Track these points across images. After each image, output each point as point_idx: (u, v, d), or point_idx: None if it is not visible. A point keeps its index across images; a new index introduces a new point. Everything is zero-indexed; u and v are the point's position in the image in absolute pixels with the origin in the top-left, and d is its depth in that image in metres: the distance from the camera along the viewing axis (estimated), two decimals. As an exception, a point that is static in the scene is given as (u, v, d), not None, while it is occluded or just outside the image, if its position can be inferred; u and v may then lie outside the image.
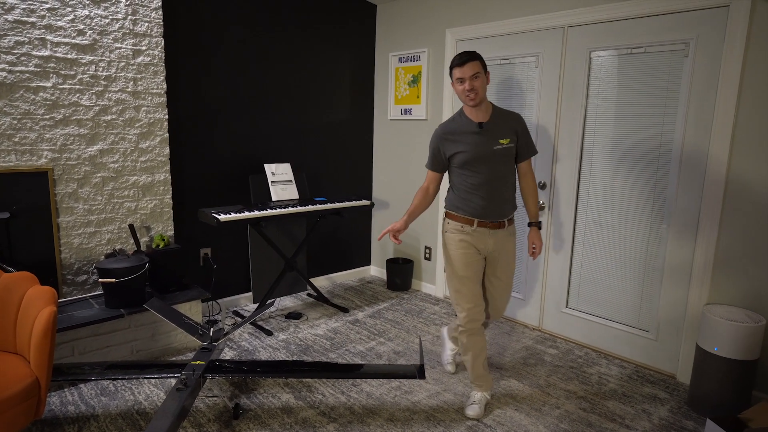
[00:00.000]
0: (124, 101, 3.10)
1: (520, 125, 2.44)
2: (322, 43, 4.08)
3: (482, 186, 2.40)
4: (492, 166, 2.38)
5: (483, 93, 2.33)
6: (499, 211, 2.43)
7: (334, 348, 3.22)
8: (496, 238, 2.47)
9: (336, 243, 4.50)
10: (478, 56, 2.32)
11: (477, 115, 2.38)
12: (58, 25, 2.82)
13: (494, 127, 2.38)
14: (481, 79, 2.31)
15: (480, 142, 2.36)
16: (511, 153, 2.40)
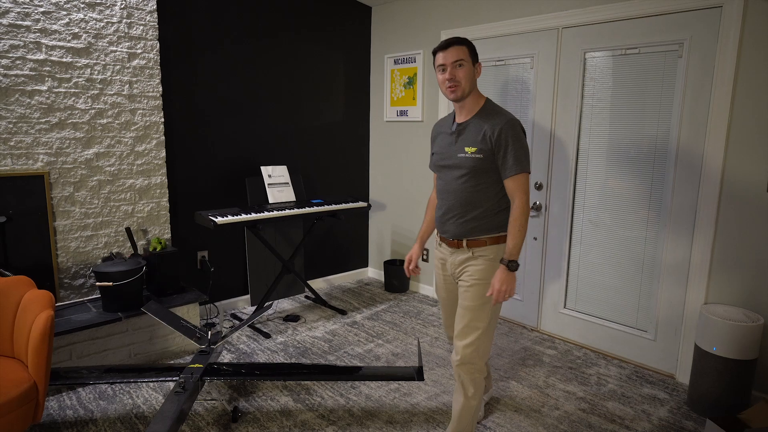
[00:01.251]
0: (120, 104, 3.09)
1: (499, 134, 1.91)
2: (317, 45, 4.09)
3: (442, 195, 2.10)
4: (454, 175, 2.02)
5: (467, 86, 1.95)
6: (454, 228, 2.05)
7: (333, 350, 3.21)
8: (454, 260, 2.09)
9: (333, 245, 4.49)
10: (465, 42, 1.96)
11: (459, 112, 2.04)
12: (53, 29, 2.82)
13: (468, 130, 2.00)
14: (465, 69, 1.94)
15: (448, 146, 2.05)
16: (481, 165, 1.95)
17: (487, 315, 2.02)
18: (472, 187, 1.99)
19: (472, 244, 2.03)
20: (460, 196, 2.01)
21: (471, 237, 2.03)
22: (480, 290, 2.01)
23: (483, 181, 1.99)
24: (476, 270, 2.02)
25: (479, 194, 2.00)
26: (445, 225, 2.09)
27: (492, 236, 2.03)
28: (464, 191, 2.00)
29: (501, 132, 1.92)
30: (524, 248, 3.57)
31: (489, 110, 2.00)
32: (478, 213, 2.01)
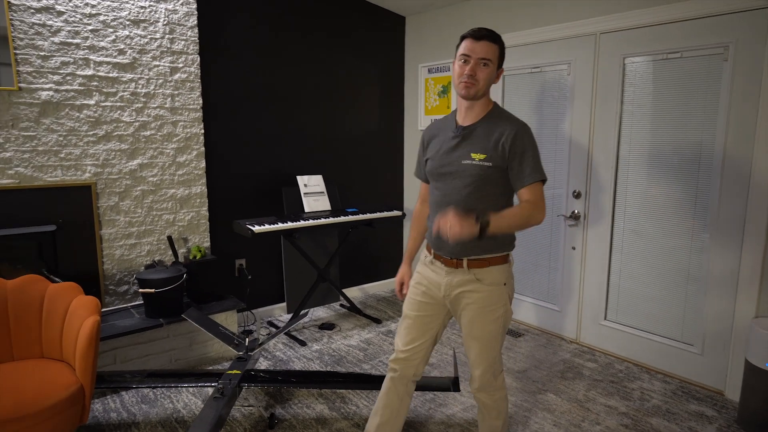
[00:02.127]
0: (162, 117, 3.20)
1: (514, 140, 1.73)
2: (352, 55, 4.13)
3: (440, 207, 1.85)
4: (455, 184, 1.80)
5: (483, 87, 1.76)
6: (454, 245, 1.80)
7: (368, 359, 3.21)
8: (451, 281, 1.84)
9: (368, 254, 4.51)
10: (499, 40, 1.77)
11: (465, 115, 1.83)
12: (101, 46, 2.94)
13: (475, 134, 1.79)
14: (489, 70, 1.75)
15: (449, 151, 1.83)
16: (488, 174, 1.75)
17: (499, 341, 1.86)
18: (476, 199, 1.77)
19: (474, 265, 1.79)
20: (463, 209, 1.77)
21: (472, 256, 1.79)
22: (486, 319, 1.82)
23: (489, 192, 1.77)
24: (478, 297, 1.81)
25: (484, 207, 1.76)
26: (443, 242, 1.83)
27: (496, 256, 1.81)
28: (467, 203, 1.77)
29: (516, 137, 1.74)
30: (562, 257, 3.49)
31: (499, 114, 1.82)
32: None
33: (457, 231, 1.56)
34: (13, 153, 2.74)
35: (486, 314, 1.81)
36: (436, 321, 1.93)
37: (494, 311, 1.81)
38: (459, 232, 1.56)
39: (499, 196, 1.79)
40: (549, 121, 3.48)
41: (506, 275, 1.84)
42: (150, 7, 3.07)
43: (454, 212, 1.59)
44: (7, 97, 2.70)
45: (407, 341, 1.94)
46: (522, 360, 3.20)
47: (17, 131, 2.74)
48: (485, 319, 1.82)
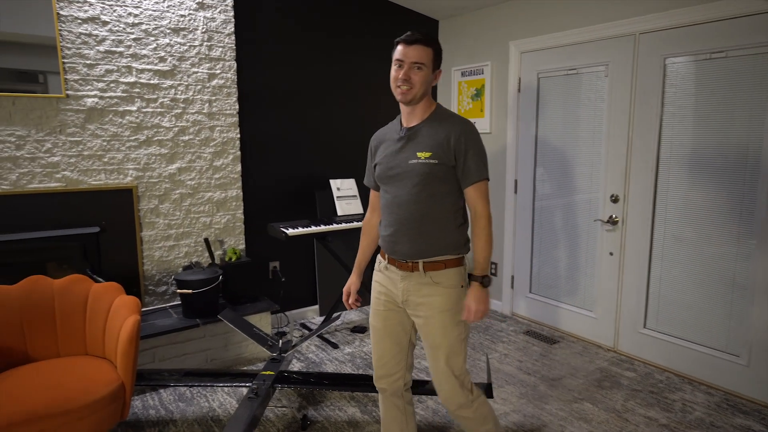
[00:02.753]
0: (200, 122, 3.28)
1: (460, 136, 1.74)
2: (385, 59, 4.15)
3: (391, 209, 1.83)
4: (404, 184, 1.78)
5: (420, 90, 1.76)
6: (408, 246, 1.78)
7: (399, 363, 3.20)
8: (408, 286, 1.81)
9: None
10: (433, 43, 1.78)
11: (408, 117, 1.83)
12: (143, 54, 3.04)
13: (420, 134, 1.79)
14: (423, 74, 1.75)
15: (396, 153, 1.82)
16: (436, 172, 1.74)
17: (461, 346, 1.80)
18: (427, 197, 1.76)
19: (430, 268, 1.77)
20: (414, 208, 1.77)
21: (428, 258, 1.77)
22: (446, 322, 1.77)
23: (438, 190, 1.77)
24: (437, 301, 1.77)
25: (435, 205, 1.77)
26: (396, 244, 1.80)
27: (451, 258, 1.79)
28: (418, 202, 1.77)
29: (461, 136, 1.75)
30: (598, 262, 3.41)
31: (443, 115, 1.83)
32: (435, 227, 1.78)
33: (482, 309, 1.73)
34: (61, 157, 2.86)
35: (447, 318, 1.78)
36: (405, 327, 1.90)
37: (456, 314, 1.78)
38: (484, 308, 1.74)
39: (449, 194, 1.79)
40: (585, 124, 3.41)
41: (462, 277, 1.82)
42: (189, 16, 3.16)
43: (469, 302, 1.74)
44: (55, 104, 2.81)
45: (381, 357, 1.91)
46: (557, 367, 3.14)
47: (64, 137, 2.86)
48: (447, 323, 1.78)
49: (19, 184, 2.77)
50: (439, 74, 1.84)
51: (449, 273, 1.78)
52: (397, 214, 1.80)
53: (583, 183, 3.47)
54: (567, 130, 3.53)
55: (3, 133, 2.70)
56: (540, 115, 3.70)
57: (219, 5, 3.25)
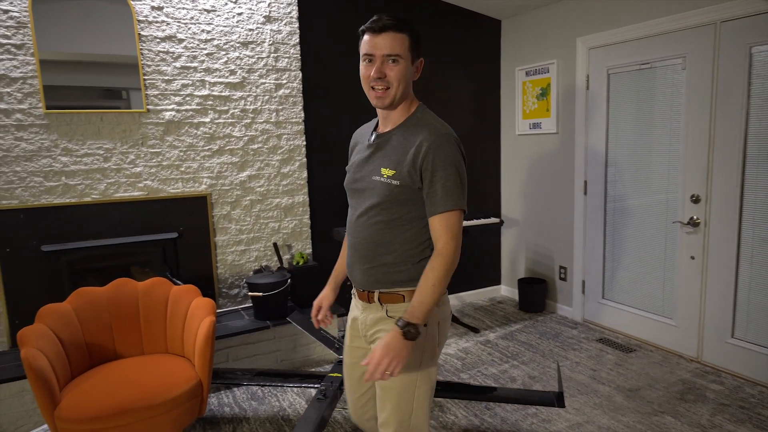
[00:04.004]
0: (269, 131, 3.40)
1: (428, 153, 1.39)
2: (446, 62, 4.13)
3: (349, 228, 1.58)
4: (364, 204, 1.49)
5: (400, 90, 1.43)
6: (361, 275, 1.52)
7: (466, 368, 3.16)
8: (366, 319, 1.55)
9: (464, 261, 4.43)
10: (407, 28, 1.42)
11: (383, 121, 1.53)
12: (215, 68, 3.20)
13: (390, 145, 1.47)
14: (400, 68, 1.41)
15: (363, 163, 1.53)
16: (395, 194, 1.43)
17: (414, 394, 1.47)
18: (383, 222, 1.46)
19: (386, 299, 1.49)
20: (369, 233, 1.49)
21: (384, 289, 1.50)
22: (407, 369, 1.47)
23: (400, 216, 1.46)
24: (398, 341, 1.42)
25: (393, 233, 1.47)
26: (354, 271, 1.55)
27: (412, 290, 1.46)
28: (374, 226, 1.48)
29: (428, 151, 1.38)
30: (678, 267, 3.21)
31: (418, 120, 1.47)
32: (391, 258, 1.48)
33: (389, 363, 1.31)
34: (143, 168, 3.06)
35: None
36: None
37: (414, 356, 1.44)
38: (388, 362, 1.31)
39: (414, 221, 1.46)
40: (661, 121, 3.22)
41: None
42: (257, 29, 3.29)
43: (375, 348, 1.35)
44: (137, 118, 3.01)
45: (349, 392, 1.68)
46: (633, 377, 2.97)
47: (146, 148, 3.05)
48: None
49: (106, 193, 2.99)
50: (422, 65, 1.50)
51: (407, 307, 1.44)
52: (353, 237, 1.54)
53: (659, 183, 3.28)
54: (640, 128, 3.36)
55: (93, 146, 2.93)
56: (611, 112, 3.54)
57: (285, 18, 3.36)
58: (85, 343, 2.33)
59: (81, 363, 2.29)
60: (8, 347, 2.82)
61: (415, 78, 1.49)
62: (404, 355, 1.35)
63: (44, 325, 2.18)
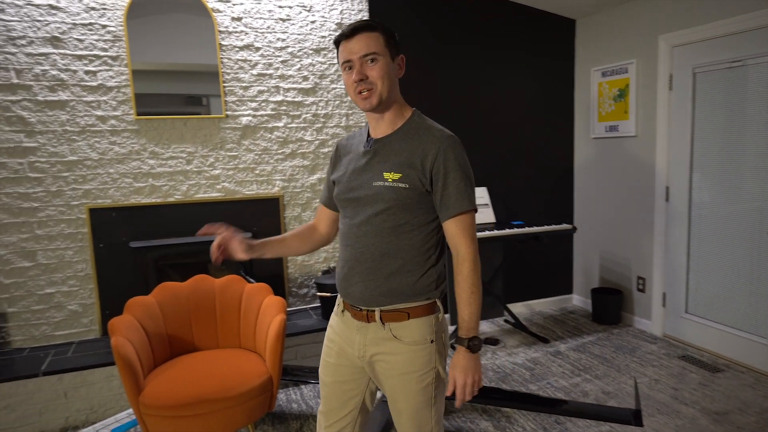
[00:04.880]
0: (338, 135, 3.47)
1: (438, 155, 1.37)
2: (517, 63, 4.04)
3: (346, 240, 1.48)
4: (367, 212, 1.42)
5: (385, 87, 1.40)
6: (362, 289, 1.43)
7: (534, 379, 3.06)
8: (365, 339, 1.45)
9: (534, 269, 4.32)
10: (379, 27, 1.40)
11: (376, 126, 1.47)
12: (289, 74, 3.31)
13: (390, 149, 1.43)
14: (381, 65, 1.38)
15: (359, 171, 1.45)
16: (404, 198, 1.38)
17: (431, 413, 1.46)
18: (390, 228, 1.40)
19: (389, 318, 1.42)
20: (372, 243, 1.41)
21: (386, 307, 1.42)
22: (410, 386, 1.42)
23: (407, 221, 1.40)
24: (397, 361, 1.41)
25: (401, 240, 1.41)
26: (351, 286, 1.45)
27: (417, 306, 1.42)
28: (378, 235, 1.41)
29: (439, 153, 1.37)
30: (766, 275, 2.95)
31: (420, 124, 1.45)
32: (397, 267, 1.41)
33: (471, 382, 1.36)
34: (221, 170, 3.21)
35: (410, 382, 1.41)
36: (359, 387, 1.52)
37: (421, 378, 1.41)
38: (473, 381, 1.37)
39: (420, 227, 1.42)
40: (754, 121, 2.98)
41: (432, 329, 1.43)
42: (329, 36, 3.37)
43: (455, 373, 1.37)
44: (217, 124, 3.18)
45: (328, 416, 1.57)
46: (721, 400, 2.76)
47: (224, 152, 3.21)
48: (410, 388, 1.42)
49: (188, 194, 3.16)
50: (404, 61, 1.48)
51: (413, 325, 1.41)
52: (353, 248, 1.45)
53: (752, 189, 3.03)
54: (730, 129, 3.12)
55: (177, 150, 3.11)
56: (697, 114, 3.32)
57: (356, 24, 3.42)
58: (167, 334, 2.48)
59: (163, 353, 2.44)
60: (99, 335, 3.05)
61: (399, 75, 1.47)
62: (479, 367, 1.39)
63: (132, 316, 2.33)
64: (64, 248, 2.95)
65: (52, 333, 2.97)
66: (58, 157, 2.90)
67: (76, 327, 3.01)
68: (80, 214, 2.96)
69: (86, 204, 2.96)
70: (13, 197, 2.84)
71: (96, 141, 2.96)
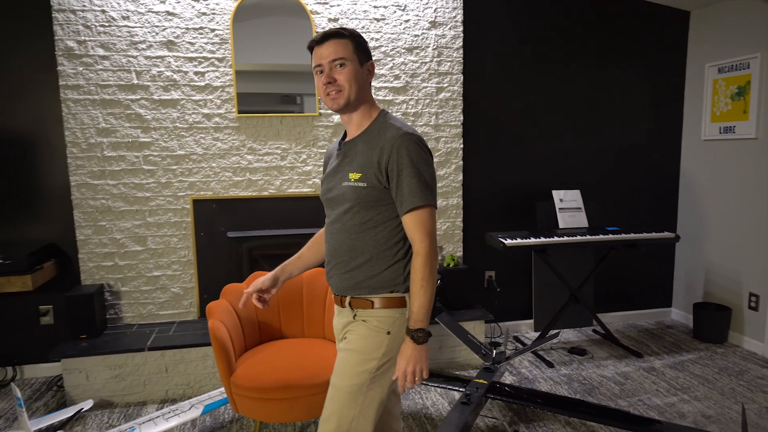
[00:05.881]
0: (427, 134, 3.47)
1: (391, 153, 1.44)
2: (618, 60, 3.80)
3: (326, 237, 1.62)
4: (338, 211, 1.54)
5: (353, 90, 1.48)
6: (337, 280, 1.57)
7: (624, 395, 2.88)
8: (339, 323, 1.63)
9: (629, 278, 4.06)
10: (349, 34, 1.49)
11: (348, 129, 1.59)
12: (381, 73, 3.36)
13: (355, 151, 1.53)
14: (349, 69, 1.47)
15: (333, 172, 1.58)
16: (365, 197, 1.48)
17: (361, 399, 1.49)
18: (356, 226, 1.51)
19: (357, 305, 1.54)
20: (342, 239, 1.54)
21: (356, 294, 1.54)
22: (349, 363, 1.51)
23: (371, 218, 1.50)
24: (354, 338, 1.53)
25: (367, 236, 1.51)
26: (330, 278, 1.61)
27: (382, 297, 1.51)
28: (348, 232, 1.53)
29: (393, 151, 1.44)
30: None
31: (382, 123, 1.52)
32: (363, 261, 1.52)
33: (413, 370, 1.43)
34: (312, 167, 3.34)
35: (351, 360, 1.51)
36: None
37: (363, 361, 1.50)
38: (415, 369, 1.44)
39: (384, 223, 1.51)
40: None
41: (393, 322, 1.50)
42: (422, 35, 3.37)
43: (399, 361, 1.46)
44: (311, 121, 3.30)
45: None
46: None
47: (315, 149, 3.33)
48: (350, 367, 1.51)
49: (281, 188, 3.32)
50: (373, 67, 1.55)
51: (376, 313, 1.51)
52: (329, 244, 1.60)
53: None
54: None
55: (272, 146, 3.28)
56: (832, 114, 2.94)
57: (449, 22, 3.40)
58: (257, 321, 2.62)
59: (253, 338, 2.58)
60: (197, 317, 3.29)
61: (368, 80, 1.54)
62: (424, 358, 1.46)
63: (227, 302, 2.49)
64: (170, 235, 3.21)
65: (156, 312, 3.25)
66: (168, 151, 3.16)
67: (177, 308, 3.27)
68: (185, 204, 3.21)
69: (191, 195, 3.20)
70: (129, 187, 3.14)
71: (201, 137, 3.19)
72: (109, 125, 3.07)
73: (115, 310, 3.20)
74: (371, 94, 1.57)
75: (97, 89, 3.04)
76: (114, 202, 3.13)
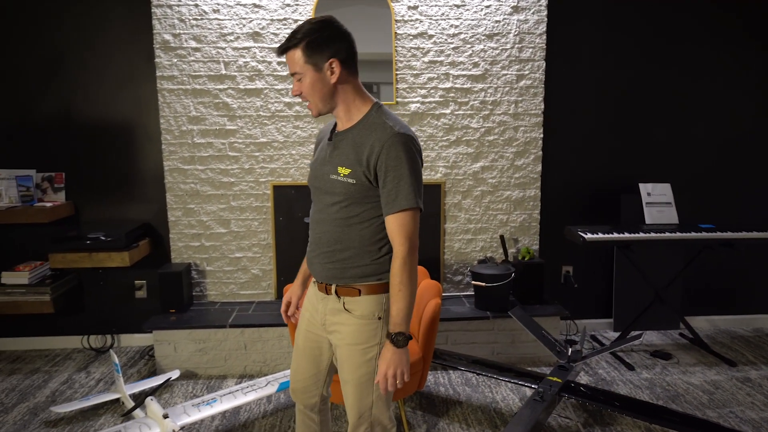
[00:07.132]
0: (505, 123, 3.38)
1: (380, 153, 1.42)
2: (722, 43, 3.49)
3: (311, 224, 1.62)
4: (325, 201, 1.55)
5: (318, 99, 1.47)
6: (320, 268, 1.58)
7: (714, 405, 2.69)
8: (325, 308, 1.60)
9: (723, 280, 3.76)
10: (299, 42, 1.42)
11: (338, 120, 1.56)
12: (459, 61, 3.30)
13: (346, 143, 1.50)
14: (307, 82, 1.45)
15: (323, 161, 1.56)
16: (353, 193, 1.47)
17: (372, 388, 1.56)
18: (341, 220, 1.52)
19: (343, 292, 1.55)
20: (328, 230, 1.54)
21: (341, 282, 1.54)
22: (354, 357, 1.55)
23: (357, 214, 1.50)
24: (346, 331, 1.55)
25: (351, 231, 1.51)
26: (313, 264, 1.61)
27: (368, 284, 1.53)
28: (332, 224, 1.53)
29: (382, 151, 1.42)
30: None
31: (374, 120, 1.48)
32: (348, 254, 1.52)
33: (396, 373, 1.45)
34: (388, 155, 3.35)
35: (355, 353, 1.54)
36: (324, 350, 1.67)
37: (365, 351, 1.54)
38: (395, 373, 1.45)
39: (369, 219, 1.51)
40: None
41: (382, 307, 1.53)
42: (503, 20, 3.28)
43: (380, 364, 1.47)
44: (387, 110, 3.31)
45: (296, 372, 1.73)
46: None
47: (392, 137, 3.34)
48: (355, 359, 1.55)
49: (357, 176, 3.37)
50: (337, 64, 1.44)
51: (363, 300, 1.53)
52: (314, 232, 1.60)
53: None
54: None
55: (349, 134, 3.32)
56: None
57: (533, 6, 3.28)
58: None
59: (327, 321, 2.65)
60: (274, 298, 3.43)
61: (333, 80, 1.46)
62: (405, 361, 1.47)
63: (303, 284, 2.58)
64: (252, 219, 3.36)
65: (237, 292, 3.43)
66: (251, 138, 3.30)
67: (256, 289, 3.43)
68: (266, 190, 3.34)
69: (271, 181, 3.33)
70: (216, 172, 3.31)
71: (282, 125, 3.30)
72: (199, 113, 3.26)
73: (200, 288, 3.41)
74: (354, 87, 1.51)
75: (189, 79, 3.22)
76: (202, 186, 3.32)
